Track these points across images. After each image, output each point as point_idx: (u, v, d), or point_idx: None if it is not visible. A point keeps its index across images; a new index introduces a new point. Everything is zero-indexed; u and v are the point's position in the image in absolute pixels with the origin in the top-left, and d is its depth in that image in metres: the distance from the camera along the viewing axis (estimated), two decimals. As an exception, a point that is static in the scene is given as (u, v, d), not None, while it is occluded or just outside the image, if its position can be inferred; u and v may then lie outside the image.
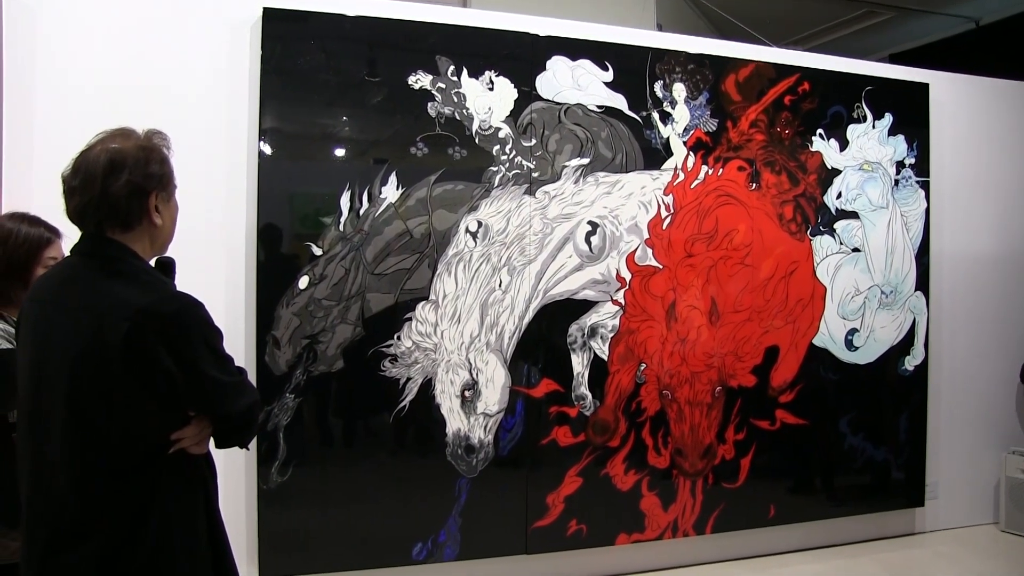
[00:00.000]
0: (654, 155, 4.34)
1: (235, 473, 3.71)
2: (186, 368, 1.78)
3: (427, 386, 3.93)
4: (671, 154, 4.38)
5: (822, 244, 4.73)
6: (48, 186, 1.92)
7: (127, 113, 2.03)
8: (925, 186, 5.00)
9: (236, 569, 2.02)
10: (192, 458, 1.88)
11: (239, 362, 1.98)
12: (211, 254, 3.71)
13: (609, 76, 4.25)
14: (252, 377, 3.53)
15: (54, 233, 2.61)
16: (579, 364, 4.20)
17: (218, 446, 1.96)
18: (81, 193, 1.82)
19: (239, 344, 3.67)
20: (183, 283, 1.92)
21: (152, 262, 1.96)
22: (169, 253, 2.04)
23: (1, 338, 2.44)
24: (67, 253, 2.00)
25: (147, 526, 1.78)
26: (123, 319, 1.72)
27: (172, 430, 1.83)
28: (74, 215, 1.86)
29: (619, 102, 4.27)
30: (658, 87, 4.36)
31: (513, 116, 4.06)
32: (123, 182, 1.82)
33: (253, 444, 3.56)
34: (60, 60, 3.53)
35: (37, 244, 2.56)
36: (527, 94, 4.09)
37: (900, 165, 4.94)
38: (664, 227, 4.34)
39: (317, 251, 3.76)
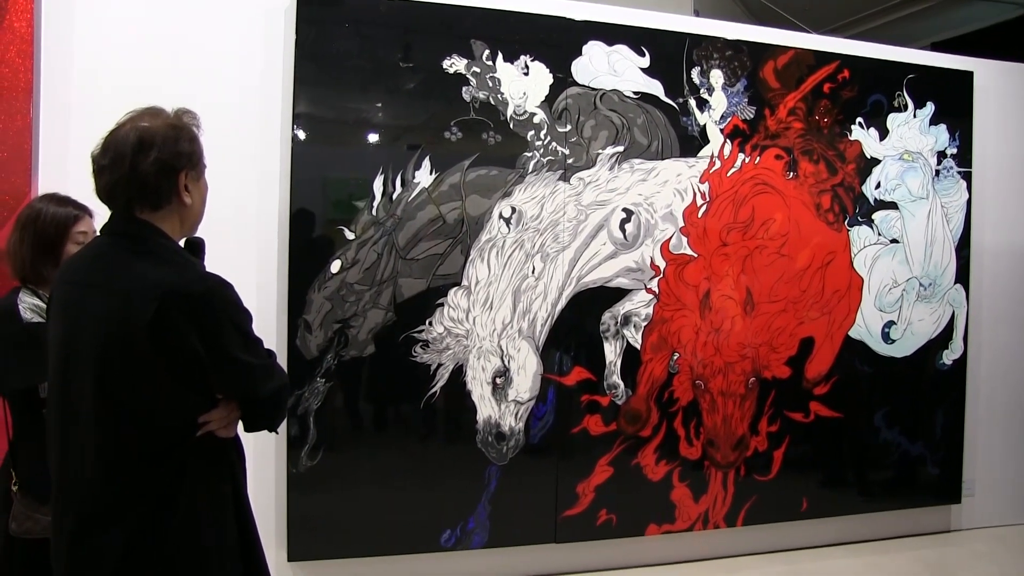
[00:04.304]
0: (690, 142, 4.29)
1: (264, 457, 3.72)
2: (214, 350, 1.77)
3: (458, 372, 3.91)
4: (707, 141, 4.32)
5: (860, 235, 4.65)
6: (83, 170, 1.91)
7: (161, 97, 2.01)
8: (967, 177, 4.90)
9: (263, 553, 2.02)
10: (220, 441, 1.88)
11: (270, 345, 1.97)
12: (244, 238, 3.72)
13: (646, 62, 4.20)
14: (283, 361, 3.55)
15: (83, 210, 2.63)
16: (612, 352, 4.16)
17: (247, 429, 1.95)
18: (111, 171, 1.81)
19: (271, 327, 3.68)
20: (216, 267, 1.91)
21: (181, 243, 1.95)
22: (203, 236, 2.02)
23: (33, 312, 2.48)
24: (97, 231, 1.99)
25: (175, 509, 1.77)
26: (151, 299, 1.71)
27: (200, 413, 1.82)
28: (103, 194, 1.86)
29: (655, 88, 4.22)
30: (695, 73, 4.31)
31: (548, 101, 4.02)
32: (152, 160, 1.81)
33: (282, 428, 3.57)
34: (95, 45, 3.54)
35: (65, 221, 2.59)
36: (562, 79, 4.05)
37: (941, 155, 4.84)
38: (699, 215, 4.29)
39: (350, 235, 3.75)
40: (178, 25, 3.64)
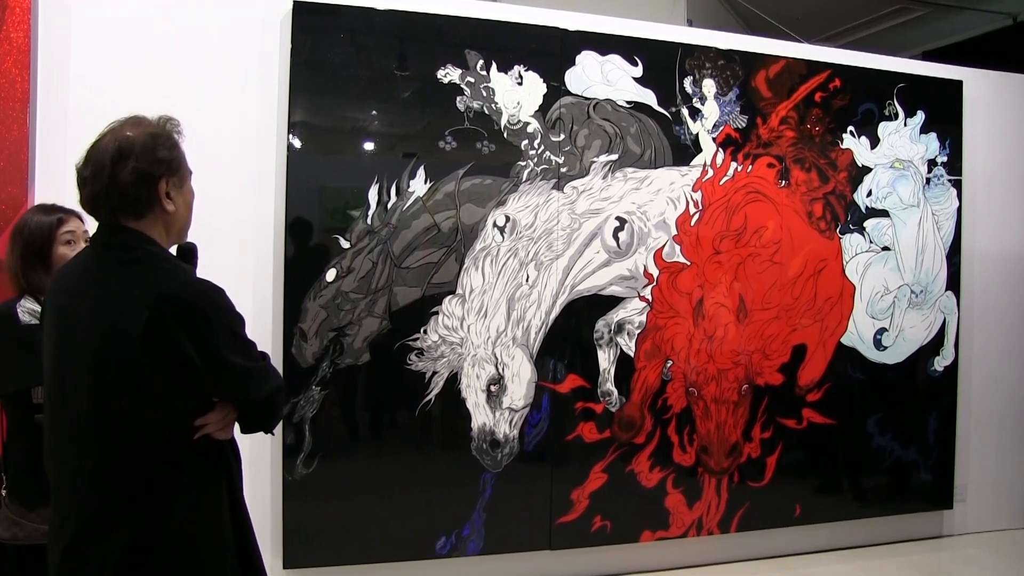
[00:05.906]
0: (683, 151, 4.32)
1: (260, 464, 3.73)
2: (207, 354, 1.78)
3: (453, 380, 3.93)
4: (700, 150, 4.35)
5: (851, 242, 4.68)
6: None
7: (157, 107, 2.02)
8: (957, 185, 4.93)
9: (261, 557, 2.03)
10: (217, 444, 1.89)
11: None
12: (240, 246, 3.72)
13: (639, 71, 4.23)
14: (279, 369, 3.54)
15: (68, 213, 2.67)
16: (605, 360, 4.19)
17: (243, 431, 1.97)
18: (92, 183, 1.83)
19: (266, 336, 3.68)
20: (211, 274, 1.91)
21: (173, 249, 1.96)
22: (199, 244, 2.04)
23: (32, 316, 2.51)
24: (88, 233, 2.00)
25: (172, 513, 1.78)
26: (143, 307, 1.72)
27: (196, 416, 1.83)
28: (87, 204, 1.87)
29: (648, 97, 4.25)
30: (688, 83, 4.34)
31: (542, 111, 4.05)
32: (129, 169, 1.81)
33: (278, 431, 3.58)
34: (91, 55, 3.55)
35: (49, 227, 2.63)
36: (556, 89, 4.08)
37: (932, 163, 4.88)
38: (692, 223, 4.32)
39: (345, 244, 3.77)
40: (175, 35, 3.65)
